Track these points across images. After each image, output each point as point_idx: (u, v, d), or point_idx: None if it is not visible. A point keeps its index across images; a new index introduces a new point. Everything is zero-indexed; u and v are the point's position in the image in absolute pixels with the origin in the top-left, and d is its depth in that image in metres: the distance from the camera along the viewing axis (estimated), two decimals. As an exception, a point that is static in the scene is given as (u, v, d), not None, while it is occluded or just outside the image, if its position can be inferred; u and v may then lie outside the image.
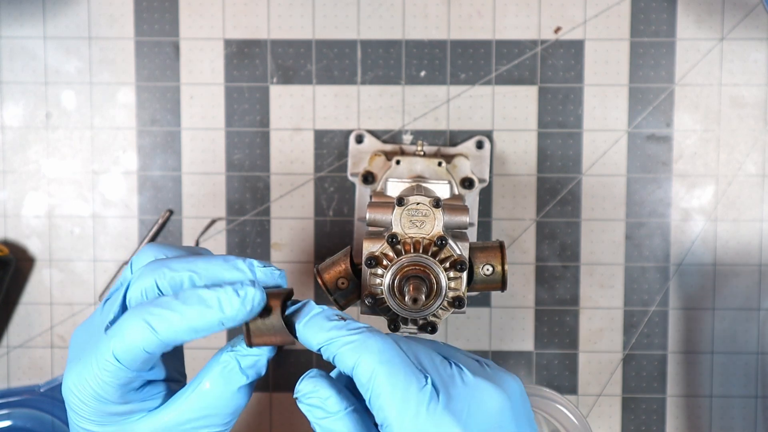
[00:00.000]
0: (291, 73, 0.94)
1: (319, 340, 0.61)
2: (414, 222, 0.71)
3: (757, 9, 0.93)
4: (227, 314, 0.60)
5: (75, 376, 0.62)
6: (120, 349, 0.60)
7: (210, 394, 0.63)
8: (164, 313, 0.60)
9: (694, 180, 0.94)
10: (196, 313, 0.60)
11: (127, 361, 0.60)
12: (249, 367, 0.63)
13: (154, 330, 0.59)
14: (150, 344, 0.60)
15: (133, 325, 0.60)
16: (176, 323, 0.59)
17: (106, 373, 0.61)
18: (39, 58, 0.94)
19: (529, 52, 0.93)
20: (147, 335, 0.59)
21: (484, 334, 0.95)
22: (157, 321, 0.59)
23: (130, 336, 0.60)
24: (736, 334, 0.95)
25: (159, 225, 0.94)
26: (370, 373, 0.60)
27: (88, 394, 0.62)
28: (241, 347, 0.64)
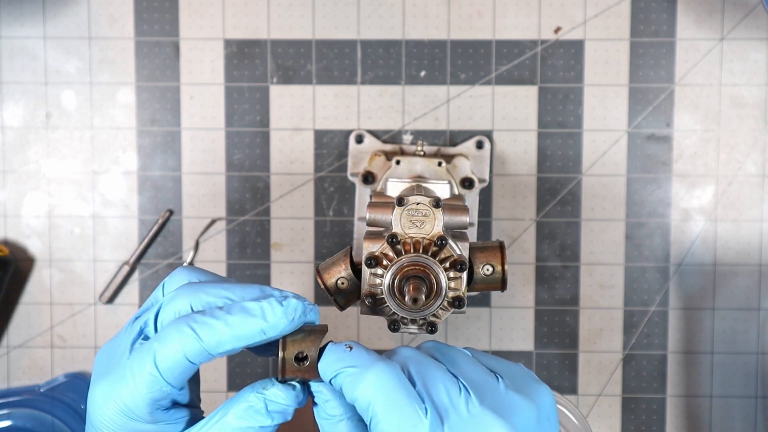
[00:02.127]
0: (291, 73, 0.94)
1: (329, 374, 0.61)
2: (414, 222, 0.71)
3: (757, 9, 0.93)
4: (270, 322, 0.60)
5: (105, 389, 0.61)
6: (162, 356, 0.60)
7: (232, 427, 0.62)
8: (208, 320, 0.60)
9: (694, 180, 0.94)
10: (239, 320, 0.60)
11: (168, 371, 0.60)
12: (276, 412, 0.63)
13: (199, 337, 0.59)
14: (193, 352, 0.59)
15: (177, 333, 0.60)
16: (220, 330, 0.60)
17: (143, 384, 0.60)
18: (39, 58, 0.94)
19: (529, 52, 0.93)
20: (191, 342, 0.59)
21: (484, 334, 0.95)
22: (201, 328, 0.60)
23: (174, 343, 0.59)
24: (736, 334, 0.95)
25: (159, 225, 0.94)
26: (367, 405, 0.59)
27: (117, 409, 0.61)
28: (272, 390, 0.63)
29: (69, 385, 0.94)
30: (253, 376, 0.95)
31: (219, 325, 0.60)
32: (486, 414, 0.60)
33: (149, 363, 0.60)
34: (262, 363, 0.95)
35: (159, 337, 0.60)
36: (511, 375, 0.63)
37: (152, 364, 0.60)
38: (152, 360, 0.60)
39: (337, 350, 0.61)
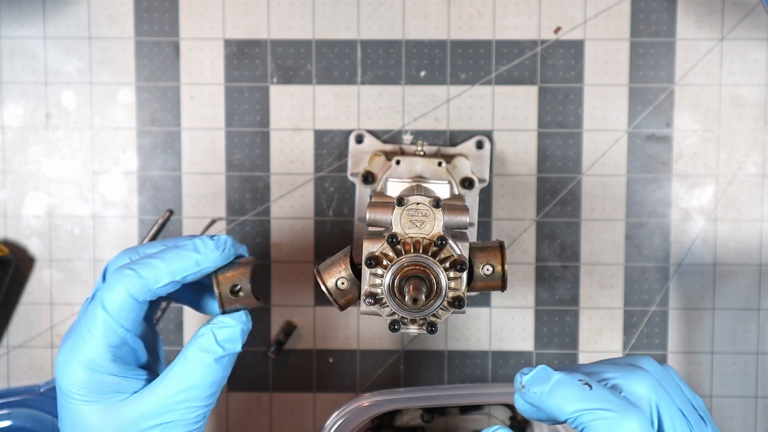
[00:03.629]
0: (291, 73, 0.94)
1: (569, 409, 0.61)
2: (414, 222, 0.71)
3: (757, 9, 0.93)
4: (202, 253, 0.66)
5: (66, 350, 0.66)
6: (109, 299, 0.65)
7: (188, 368, 0.66)
8: (146, 260, 0.66)
9: (694, 180, 0.94)
10: (174, 255, 0.66)
11: (116, 312, 0.65)
12: (225, 340, 0.68)
13: (138, 274, 0.65)
14: (135, 288, 0.65)
15: (118, 276, 0.65)
16: (157, 265, 0.66)
17: (98, 332, 0.65)
18: (39, 58, 0.94)
19: (529, 52, 0.93)
20: (132, 280, 0.65)
21: (484, 334, 0.95)
22: (140, 267, 0.66)
23: (117, 286, 0.65)
24: (736, 334, 0.95)
25: (159, 225, 0.94)
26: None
27: (81, 364, 0.65)
28: (217, 318, 0.69)
29: (69, 385, 0.94)
30: (252, 376, 0.95)
31: (156, 262, 0.66)
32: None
33: (99, 310, 0.65)
34: (261, 363, 0.95)
35: (104, 286, 0.66)
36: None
37: (102, 309, 0.65)
38: (101, 306, 0.65)
39: (575, 386, 0.61)
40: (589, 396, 0.61)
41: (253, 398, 0.95)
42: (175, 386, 0.66)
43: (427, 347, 0.95)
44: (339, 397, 0.95)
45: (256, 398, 0.95)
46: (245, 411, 0.95)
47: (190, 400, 0.67)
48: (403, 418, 0.95)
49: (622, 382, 0.63)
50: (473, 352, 0.95)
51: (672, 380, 0.65)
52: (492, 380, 0.95)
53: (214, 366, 0.67)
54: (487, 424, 0.96)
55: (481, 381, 0.95)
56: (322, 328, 0.95)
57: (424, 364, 0.95)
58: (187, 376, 0.66)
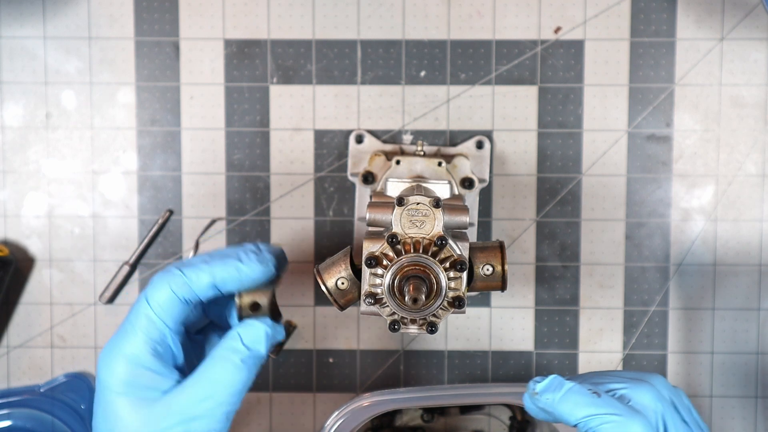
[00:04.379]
0: (291, 73, 0.94)
1: (579, 415, 0.66)
2: (414, 222, 0.71)
3: (757, 9, 0.93)
4: (244, 263, 0.69)
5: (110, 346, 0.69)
6: (153, 295, 0.68)
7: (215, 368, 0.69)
8: (191, 261, 0.70)
9: (694, 180, 0.94)
10: (217, 259, 0.70)
11: (159, 307, 0.68)
12: (250, 341, 0.70)
13: (182, 273, 0.68)
14: (177, 285, 0.68)
15: (164, 273, 0.69)
16: (200, 266, 0.69)
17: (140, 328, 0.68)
18: (39, 58, 0.94)
19: (529, 52, 0.93)
20: (175, 278, 0.68)
21: (484, 334, 0.95)
22: (184, 267, 0.69)
23: (162, 281, 0.68)
24: (736, 334, 0.95)
25: (159, 225, 0.94)
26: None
27: (121, 354, 0.68)
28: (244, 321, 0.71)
29: (69, 385, 0.94)
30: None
31: (199, 263, 0.69)
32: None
33: (143, 304, 0.69)
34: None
35: (150, 283, 0.70)
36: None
37: (146, 303, 0.68)
38: (145, 300, 0.69)
39: (585, 394, 0.66)
40: (597, 402, 0.66)
41: (253, 398, 0.95)
42: (201, 386, 0.68)
43: (427, 347, 0.95)
44: (339, 397, 0.95)
45: (256, 398, 0.95)
46: (245, 411, 0.95)
47: (215, 400, 0.68)
48: (403, 418, 0.95)
49: (629, 392, 0.68)
50: (473, 352, 0.95)
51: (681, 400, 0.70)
52: (492, 380, 0.95)
53: (240, 366, 0.69)
54: (487, 424, 0.96)
55: (481, 381, 0.95)
56: (322, 328, 0.95)
57: (424, 364, 0.95)
58: (213, 376, 0.69)
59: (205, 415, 0.68)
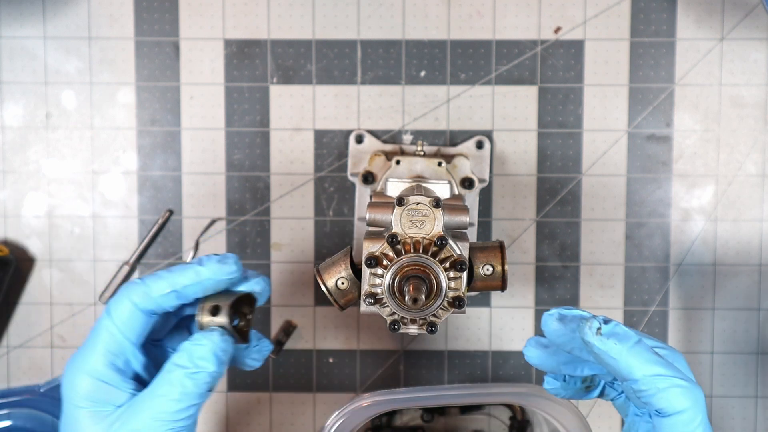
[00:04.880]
0: (291, 73, 0.94)
1: (648, 372, 0.63)
2: (414, 222, 0.71)
3: (757, 9, 0.93)
4: (204, 265, 0.68)
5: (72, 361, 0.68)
6: (114, 307, 0.67)
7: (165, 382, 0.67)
8: (153, 273, 0.69)
9: (694, 180, 0.94)
10: (179, 267, 0.68)
11: (119, 318, 0.67)
12: (198, 358, 0.67)
13: (143, 283, 0.68)
14: (138, 297, 0.67)
15: (126, 287, 0.68)
16: (162, 275, 0.68)
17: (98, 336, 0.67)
18: (39, 58, 0.94)
19: (529, 52, 0.93)
20: (136, 289, 0.67)
21: (484, 334, 0.95)
22: (146, 278, 0.68)
23: (123, 294, 0.68)
24: (736, 334, 0.95)
25: (159, 225, 0.94)
26: (696, 425, 0.62)
27: (80, 367, 0.67)
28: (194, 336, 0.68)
29: (69, 385, 0.94)
30: (253, 376, 0.95)
31: (161, 273, 0.68)
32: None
33: (105, 316, 0.68)
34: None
35: (112, 297, 0.69)
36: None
37: (107, 316, 0.68)
38: (107, 313, 0.68)
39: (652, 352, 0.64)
40: (665, 364, 0.63)
41: (253, 398, 0.95)
42: (151, 401, 0.67)
43: (427, 347, 0.95)
44: (339, 397, 0.95)
45: (256, 398, 0.95)
46: (245, 411, 0.95)
47: (162, 414, 0.66)
48: (403, 418, 0.95)
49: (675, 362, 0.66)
50: (473, 352, 0.95)
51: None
52: (492, 380, 0.95)
53: (186, 383, 0.66)
54: (487, 424, 0.96)
55: (481, 381, 0.95)
56: (322, 328, 0.95)
57: (424, 364, 0.95)
58: (161, 391, 0.67)
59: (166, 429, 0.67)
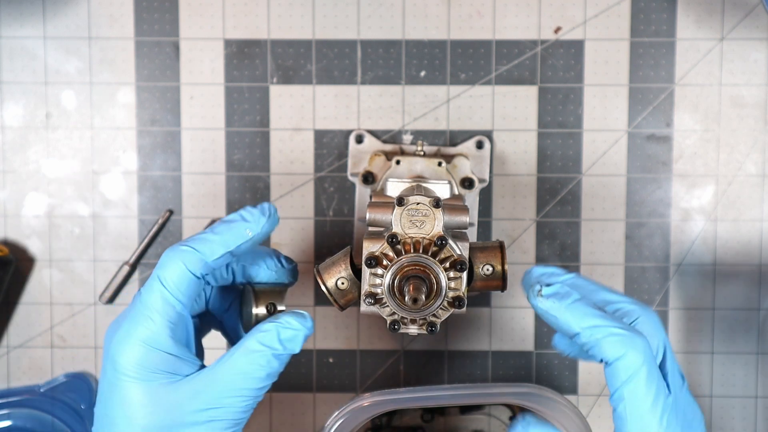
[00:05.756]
0: (291, 73, 0.94)
1: (584, 324, 0.67)
2: (414, 222, 0.71)
3: (757, 9, 0.93)
4: (250, 221, 0.69)
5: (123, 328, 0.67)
6: (166, 274, 0.67)
7: (247, 359, 0.68)
8: (199, 236, 0.69)
9: (694, 180, 0.94)
10: (224, 228, 0.69)
11: (174, 287, 0.67)
12: (287, 340, 0.69)
13: (194, 249, 0.67)
14: (192, 262, 0.67)
15: (174, 253, 0.68)
16: (211, 238, 0.68)
17: (155, 306, 0.66)
18: (39, 58, 0.94)
19: (529, 52, 0.93)
20: (188, 255, 0.67)
21: (484, 334, 0.95)
22: (193, 242, 0.68)
23: (174, 260, 0.67)
24: (736, 334, 0.95)
25: (159, 225, 0.94)
26: (633, 371, 0.65)
27: (138, 339, 0.66)
28: (282, 318, 0.70)
29: (69, 385, 0.94)
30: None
31: (209, 236, 0.68)
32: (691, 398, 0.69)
33: (158, 285, 0.67)
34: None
35: (159, 264, 0.68)
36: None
37: (160, 284, 0.67)
38: (159, 282, 0.67)
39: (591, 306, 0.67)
40: (603, 316, 0.66)
41: (253, 398, 0.95)
42: (231, 375, 0.67)
43: (427, 347, 0.95)
44: (339, 397, 0.95)
45: (256, 398, 0.95)
46: (245, 411, 0.95)
47: (243, 390, 0.68)
48: (402, 418, 0.95)
49: (633, 314, 0.69)
50: (473, 352, 0.95)
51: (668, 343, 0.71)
52: (492, 380, 0.95)
53: (272, 361, 0.68)
54: (487, 424, 0.96)
55: (481, 381, 0.95)
56: (322, 328, 0.95)
57: (424, 364, 0.95)
58: (244, 367, 0.68)
59: (231, 405, 0.67)
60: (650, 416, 0.65)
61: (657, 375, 0.66)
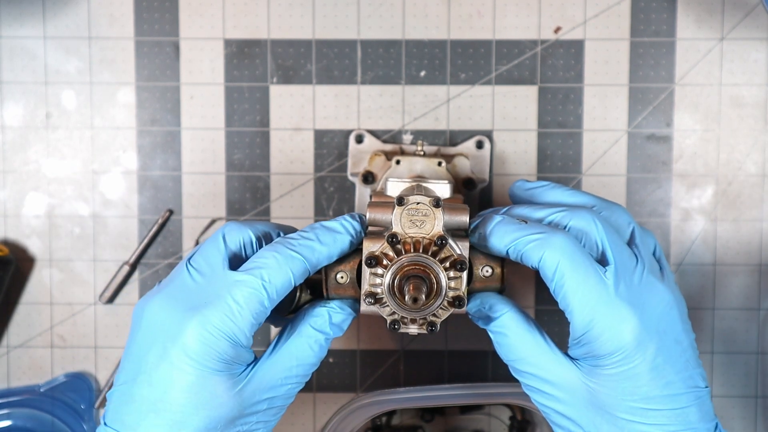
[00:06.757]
0: (291, 73, 0.94)
1: (506, 241, 0.69)
2: (414, 222, 0.71)
3: (757, 9, 0.93)
4: (353, 233, 0.70)
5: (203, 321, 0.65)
6: (272, 278, 0.66)
7: (301, 344, 0.69)
8: (306, 243, 0.69)
9: (694, 180, 0.94)
10: (330, 239, 0.69)
11: (276, 292, 0.67)
12: (337, 324, 0.71)
13: (304, 259, 0.68)
14: (299, 272, 0.68)
15: (284, 258, 0.67)
16: (318, 249, 0.69)
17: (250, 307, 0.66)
18: (39, 58, 0.94)
19: (529, 52, 0.93)
20: (298, 265, 0.68)
21: (484, 334, 0.95)
22: (302, 250, 0.68)
23: (283, 267, 0.67)
24: (736, 334, 0.95)
25: (159, 225, 0.94)
26: (555, 266, 0.67)
27: (224, 335, 0.66)
28: (333, 303, 0.71)
29: (69, 385, 0.94)
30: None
31: (315, 246, 0.69)
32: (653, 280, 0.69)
33: (257, 286, 0.66)
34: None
35: (266, 263, 0.67)
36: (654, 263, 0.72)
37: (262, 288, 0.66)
38: (261, 285, 0.66)
39: (511, 223, 0.69)
40: (522, 228, 0.69)
41: (253, 398, 0.95)
42: (287, 361, 0.69)
43: (427, 347, 0.95)
44: (339, 397, 0.95)
45: (256, 398, 0.95)
46: (245, 411, 0.95)
47: (299, 375, 0.69)
48: (402, 418, 0.95)
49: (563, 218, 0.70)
50: (473, 352, 0.95)
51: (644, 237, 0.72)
52: (492, 380, 0.95)
53: (324, 345, 0.70)
54: (487, 424, 0.96)
55: (481, 381, 0.95)
56: (322, 328, 0.95)
57: (424, 364, 0.95)
58: (299, 353, 0.69)
59: (286, 391, 0.69)
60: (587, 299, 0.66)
61: (583, 262, 0.67)
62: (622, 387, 0.67)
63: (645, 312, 0.67)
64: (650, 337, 0.66)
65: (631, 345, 0.66)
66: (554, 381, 0.70)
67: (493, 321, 0.71)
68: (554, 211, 0.71)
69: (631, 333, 0.66)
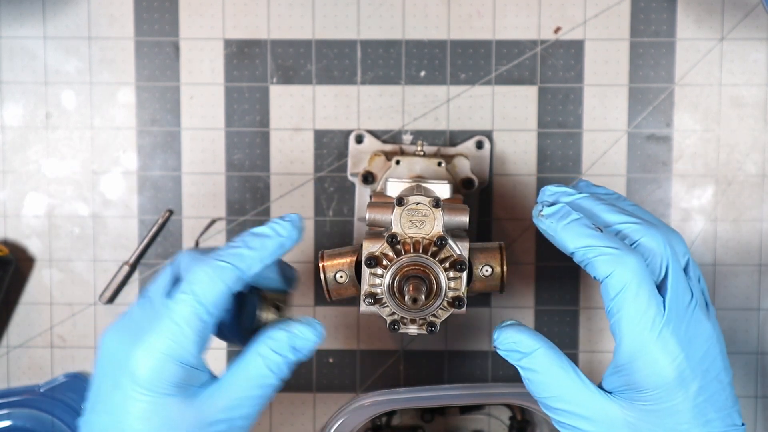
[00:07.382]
0: (291, 73, 0.94)
1: (578, 244, 0.68)
2: (414, 222, 0.71)
3: (757, 9, 0.93)
4: (284, 236, 0.69)
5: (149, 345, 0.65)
6: (203, 291, 0.66)
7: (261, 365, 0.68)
8: (234, 252, 0.68)
9: (694, 180, 0.94)
10: (259, 242, 0.68)
11: (212, 303, 0.66)
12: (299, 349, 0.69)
13: (234, 266, 0.67)
14: (231, 279, 0.67)
15: (212, 268, 0.66)
16: (248, 254, 0.68)
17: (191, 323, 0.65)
18: (39, 58, 0.94)
19: (529, 52, 0.93)
20: (228, 272, 0.66)
21: (484, 334, 0.95)
22: (231, 258, 0.67)
23: (213, 277, 0.66)
24: (736, 334, 0.95)
25: (159, 225, 0.94)
26: (620, 288, 0.66)
27: (169, 356, 0.65)
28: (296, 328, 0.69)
29: (69, 385, 0.94)
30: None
31: (244, 251, 0.68)
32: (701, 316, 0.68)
33: (191, 302, 0.65)
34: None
35: (193, 279, 0.66)
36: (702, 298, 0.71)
37: (194, 301, 0.66)
38: (193, 299, 0.66)
39: (587, 226, 0.68)
40: (597, 236, 0.67)
41: (253, 398, 0.95)
42: (244, 382, 0.68)
43: (427, 347, 0.95)
44: (339, 397, 0.95)
45: (256, 398, 0.95)
46: (245, 411, 0.95)
47: (257, 396, 0.68)
48: (403, 418, 0.95)
49: (636, 233, 0.69)
50: (473, 352, 0.95)
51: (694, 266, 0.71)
52: (492, 380, 0.95)
53: (282, 368, 0.68)
54: (487, 424, 0.96)
55: (481, 381, 0.95)
56: (322, 328, 0.95)
57: (424, 364, 0.95)
58: (256, 373, 0.68)
59: (244, 412, 0.68)
60: (641, 329, 0.66)
61: (648, 290, 0.66)
62: (664, 423, 0.66)
63: (691, 349, 0.66)
64: (694, 374, 0.66)
65: (674, 382, 0.66)
66: (592, 417, 0.68)
67: (525, 357, 0.70)
68: (629, 221, 0.70)
69: (676, 369, 0.66)
